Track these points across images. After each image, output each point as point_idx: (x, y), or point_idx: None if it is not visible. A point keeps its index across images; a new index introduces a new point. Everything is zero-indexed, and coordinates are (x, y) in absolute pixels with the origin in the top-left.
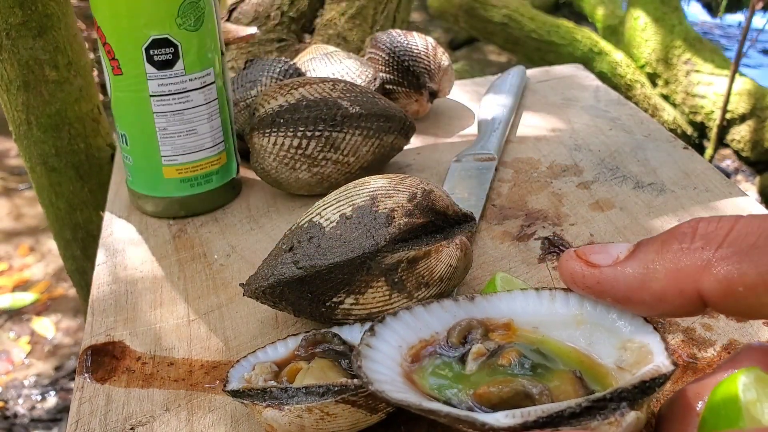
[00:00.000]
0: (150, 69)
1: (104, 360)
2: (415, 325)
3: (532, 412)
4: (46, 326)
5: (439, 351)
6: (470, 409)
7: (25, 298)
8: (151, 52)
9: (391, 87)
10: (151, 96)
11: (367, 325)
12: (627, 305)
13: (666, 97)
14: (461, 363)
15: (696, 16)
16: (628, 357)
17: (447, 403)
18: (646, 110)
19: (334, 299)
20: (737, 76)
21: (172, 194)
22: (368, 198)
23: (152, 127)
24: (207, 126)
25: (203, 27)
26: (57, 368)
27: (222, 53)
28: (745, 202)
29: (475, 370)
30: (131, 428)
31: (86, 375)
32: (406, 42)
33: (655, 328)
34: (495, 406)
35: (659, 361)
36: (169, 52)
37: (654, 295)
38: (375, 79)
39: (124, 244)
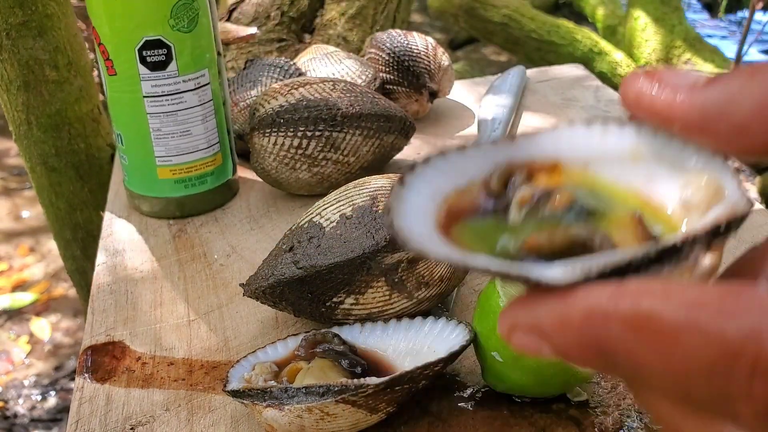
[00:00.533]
0: (143, 70)
1: (104, 360)
2: (449, 172)
3: (593, 264)
4: (42, 327)
5: (479, 203)
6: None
7: (25, 298)
8: (144, 53)
9: (391, 87)
10: (144, 97)
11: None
12: (698, 136)
13: None
14: (504, 214)
15: (696, 16)
16: (694, 195)
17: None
18: None
19: (335, 299)
20: None
21: (167, 195)
22: (368, 198)
23: (146, 127)
24: (201, 127)
25: (197, 28)
26: (57, 368)
27: (219, 54)
28: None
29: (520, 220)
30: (131, 428)
31: (86, 375)
32: (406, 42)
33: (726, 162)
34: (547, 259)
35: (734, 200)
36: (162, 54)
37: (734, 126)
38: (375, 79)
39: (124, 244)
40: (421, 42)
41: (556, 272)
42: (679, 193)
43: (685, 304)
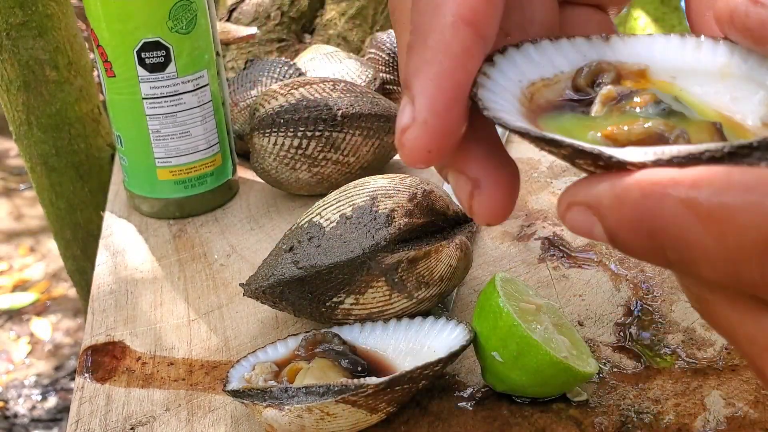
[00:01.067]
0: (142, 72)
1: (104, 360)
2: (539, 60)
3: (666, 151)
4: (43, 327)
5: (564, 95)
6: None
7: (25, 298)
8: (142, 54)
9: (391, 87)
10: (143, 98)
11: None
12: None
13: None
14: (587, 109)
15: None
16: None
17: None
18: None
19: (335, 299)
20: None
21: (166, 195)
22: (368, 198)
23: (145, 129)
24: (200, 128)
25: (196, 29)
26: (57, 368)
27: (218, 54)
28: None
29: (602, 114)
30: (131, 428)
31: (86, 375)
32: None
33: None
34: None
35: None
36: (161, 55)
37: None
38: (375, 79)
39: (124, 244)
40: None
41: (628, 152)
42: (762, 111)
43: (745, 186)
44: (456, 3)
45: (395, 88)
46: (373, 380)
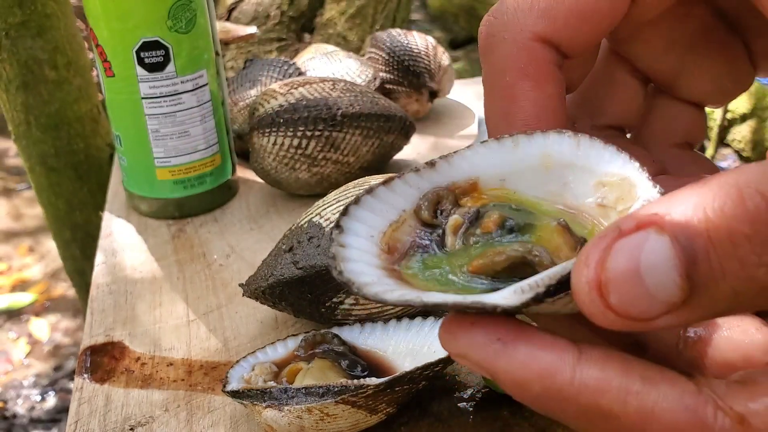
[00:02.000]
0: (141, 71)
1: (103, 360)
2: (380, 209)
3: (540, 282)
4: (41, 328)
5: (416, 236)
6: (468, 289)
7: (24, 298)
8: (141, 54)
9: (391, 87)
10: (142, 98)
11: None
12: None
13: None
14: (441, 241)
15: None
16: (608, 193)
17: (444, 290)
18: None
19: (334, 299)
20: None
21: (165, 195)
22: None
23: (144, 129)
24: (200, 128)
25: (195, 29)
26: (56, 368)
27: (217, 54)
28: None
29: (458, 246)
30: (131, 429)
31: (85, 375)
32: (406, 42)
33: (631, 157)
34: (493, 278)
35: (647, 194)
36: (160, 55)
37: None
38: (375, 78)
39: (123, 245)
40: (421, 41)
41: (505, 296)
42: (593, 193)
43: (639, 409)
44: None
45: (395, 87)
46: (373, 381)
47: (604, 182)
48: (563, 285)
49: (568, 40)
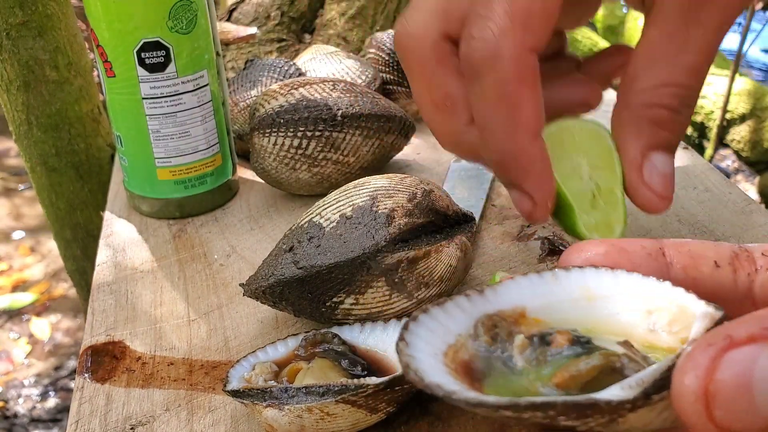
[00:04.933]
0: (141, 72)
1: (104, 360)
2: (438, 330)
3: (645, 378)
4: (42, 328)
5: (478, 360)
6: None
7: (25, 298)
8: (142, 54)
9: (391, 87)
10: (143, 98)
11: (371, 327)
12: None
13: None
14: (504, 363)
15: None
16: (659, 318)
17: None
18: None
19: (335, 299)
20: (737, 76)
21: (166, 195)
22: (368, 198)
23: (145, 129)
24: (200, 128)
25: (196, 29)
26: (57, 368)
27: (218, 54)
28: (745, 202)
29: (531, 365)
30: (131, 428)
31: (86, 375)
32: None
33: (673, 283)
34: (577, 392)
35: (702, 310)
36: (161, 55)
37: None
38: (375, 79)
39: (124, 244)
40: None
41: (614, 392)
42: (642, 320)
43: None
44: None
45: (395, 88)
46: (373, 380)
47: (651, 309)
48: (668, 382)
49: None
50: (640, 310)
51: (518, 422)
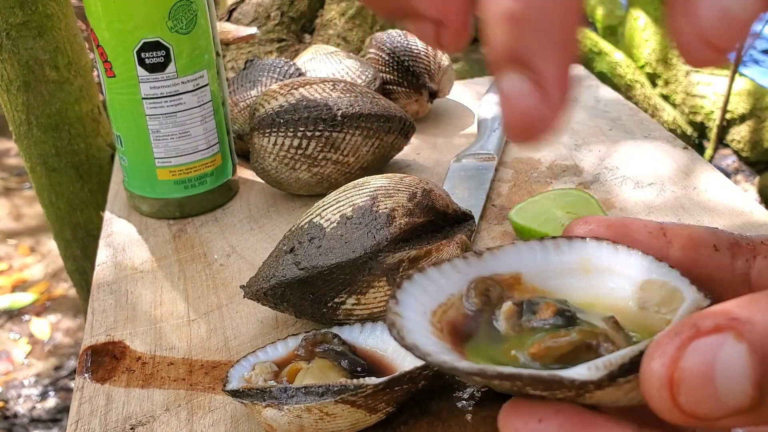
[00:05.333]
0: (141, 72)
1: (104, 360)
2: (431, 289)
3: (613, 361)
4: (42, 328)
5: (465, 320)
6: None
7: (25, 298)
8: (142, 54)
9: (391, 87)
10: (143, 98)
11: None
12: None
13: (666, 97)
14: (490, 326)
15: None
16: (651, 297)
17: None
18: (646, 110)
19: (336, 300)
20: (737, 76)
21: (166, 195)
22: (368, 198)
23: (145, 129)
24: (200, 128)
25: (196, 29)
26: (57, 368)
27: (218, 54)
28: (744, 202)
29: (514, 332)
30: (131, 428)
31: (86, 375)
32: (406, 42)
33: (671, 265)
34: (552, 364)
35: (692, 296)
36: (161, 55)
37: None
38: (375, 79)
39: (124, 244)
40: (421, 42)
41: (580, 371)
42: (634, 296)
43: None
44: None
45: (395, 88)
46: (373, 380)
47: (645, 288)
48: (635, 366)
49: None
50: (634, 287)
51: (496, 388)
